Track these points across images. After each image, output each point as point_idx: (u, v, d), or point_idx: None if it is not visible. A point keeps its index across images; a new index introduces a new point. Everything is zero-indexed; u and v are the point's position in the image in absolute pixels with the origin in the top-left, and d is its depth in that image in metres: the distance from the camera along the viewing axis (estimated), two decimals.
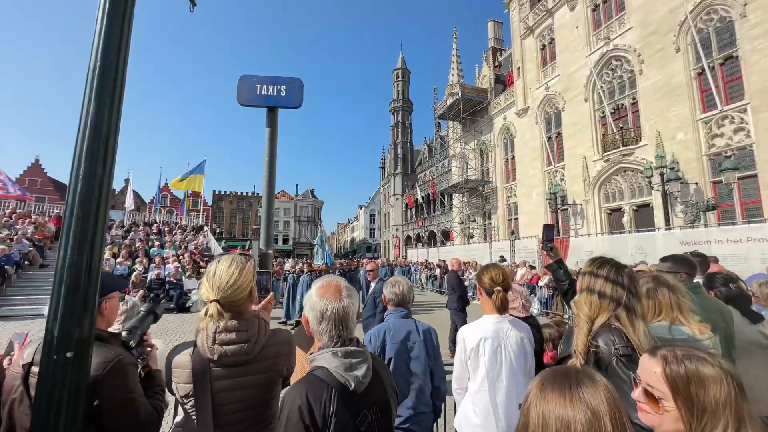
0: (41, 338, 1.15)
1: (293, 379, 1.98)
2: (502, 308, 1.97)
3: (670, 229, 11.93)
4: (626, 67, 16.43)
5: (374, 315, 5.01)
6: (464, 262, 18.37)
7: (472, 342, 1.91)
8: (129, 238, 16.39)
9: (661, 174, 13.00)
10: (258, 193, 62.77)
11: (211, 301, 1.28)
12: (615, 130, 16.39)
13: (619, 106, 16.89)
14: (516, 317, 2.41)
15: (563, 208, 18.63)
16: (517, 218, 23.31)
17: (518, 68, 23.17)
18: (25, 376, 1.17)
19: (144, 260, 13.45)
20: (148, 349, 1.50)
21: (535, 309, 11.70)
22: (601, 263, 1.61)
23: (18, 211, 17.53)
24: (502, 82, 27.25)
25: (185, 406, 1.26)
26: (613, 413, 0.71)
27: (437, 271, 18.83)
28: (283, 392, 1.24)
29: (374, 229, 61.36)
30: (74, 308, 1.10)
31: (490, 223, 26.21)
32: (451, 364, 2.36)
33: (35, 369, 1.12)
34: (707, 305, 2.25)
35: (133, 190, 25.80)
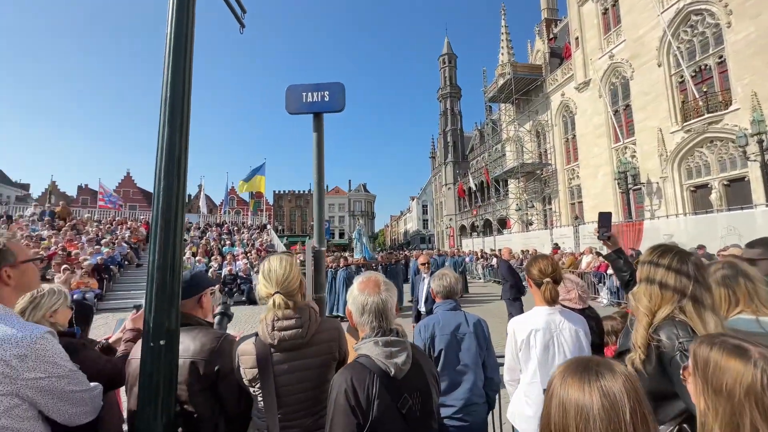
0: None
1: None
2: (552, 300, 1.92)
3: None
4: (709, 22, 14.27)
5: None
6: (522, 251, 17.59)
7: (522, 334, 1.89)
8: (204, 238, 18.21)
9: (760, 141, 11.20)
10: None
11: (274, 294, 1.46)
12: (697, 96, 14.37)
13: (702, 67, 14.77)
14: (572, 309, 2.32)
15: (635, 187, 16.90)
16: (581, 202, 21.64)
17: (576, 38, 21.27)
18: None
19: (218, 258, 14.90)
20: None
21: (604, 299, 10.86)
22: (663, 251, 1.50)
23: (117, 218, 20.38)
24: (558, 55, 25.24)
25: (253, 389, 1.42)
26: (634, 405, 0.70)
27: (494, 261, 18.25)
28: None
29: (427, 220, 60.99)
30: (163, 303, 1.32)
31: (551, 209, 24.67)
32: (501, 356, 2.35)
33: None
34: None
35: (206, 195, 28.62)
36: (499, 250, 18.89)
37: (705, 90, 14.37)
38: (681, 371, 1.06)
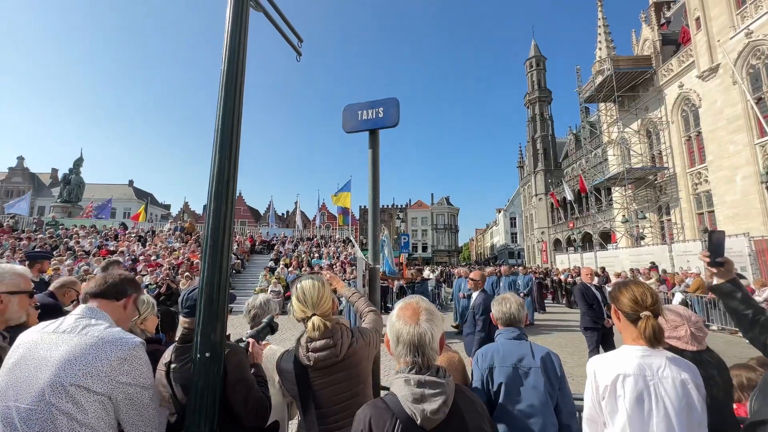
0: (176, 343, 1.51)
1: None
2: (655, 340, 1.52)
3: None
4: None
5: (473, 332, 4.66)
6: (632, 270, 15.12)
7: (606, 378, 1.53)
8: (297, 251, 19.89)
9: None
10: (397, 205, 67.14)
11: (311, 316, 1.50)
12: None
13: None
14: (681, 351, 1.83)
15: None
16: (711, 211, 17.82)
17: (697, 19, 18.00)
18: (167, 372, 1.52)
19: (307, 269, 16.09)
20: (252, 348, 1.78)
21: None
22: None
23: None
24: (673, 41, 21.65)
25: (296, 402, 1.52)
26: None
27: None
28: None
29: (516, 234, 57.11)
30: (210, 317, 1.41)
31: (669, 220, 20.84)
32: (580, 398, 1.96)
33: (174, 366, 1.47)
34: None
35: (301, 211, 31.56)
36: (576, 268, 16.32)
37: None
38: None
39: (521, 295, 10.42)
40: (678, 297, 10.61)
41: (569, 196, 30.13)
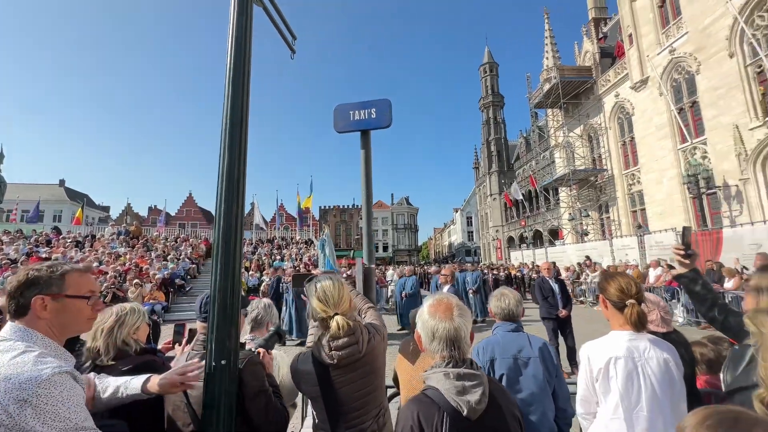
0: (188, 351, 1.43)
1: (402, 390, 2.04)
2: (640, 324, 1.69)
3: None
4: None
5: None
6: (579, 263, 16.41)
7: (599, 362, 1.68)
8: (257, 253, 19.15)
9: None
10: (357, 206, 67.00)
11: (333, 316, 1.49)
12: None
13: None
14: (653, 333, 2.05)
15: (710, 192, 15.16)
16: (643, 209, 19.84)
17: (630, 35, 19.95)
18: None
19: (269, 272, 15.54)
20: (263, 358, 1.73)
21: (680, 318, 9.71)
22: None
23: (181, 236, 22.17)
24: (610, 55, 23.79)
25: (314, 403, 1.51)
26: None
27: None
28: (394, 410, 1.31)
29: (472, 232, 59.41)
30: (225, 323, 1.35)
31: (609, 217, 22.88)
32: (571, 383, 2.12)
33: None
34: None
35: (260, 213, 30.29)
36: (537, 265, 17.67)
37: None
38: None
39: (470, 291, 10.75)
40: None
41: (519, 197, 31.99)
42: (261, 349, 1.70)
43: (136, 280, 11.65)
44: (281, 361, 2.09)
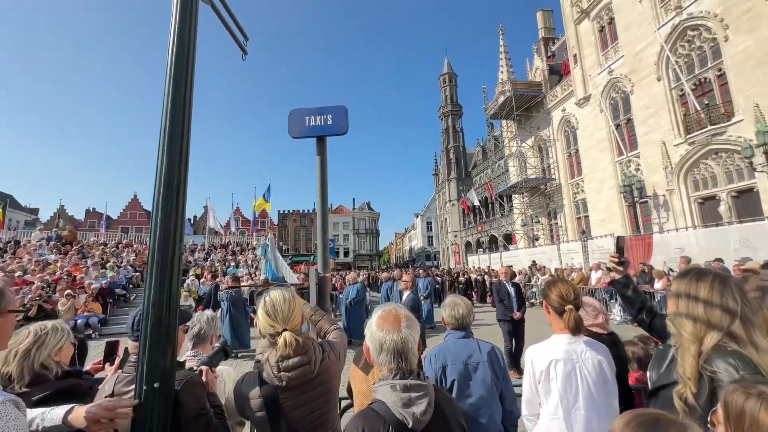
0: (120, 372, 1.30)
1: (356, 401, 2.01)
2: (576, 329, 1.80)
3: None
4: (706, 36, 14.44)
5: None
6: (530, 267, 17.30)
7: (542, 364, 1.77)
8: (209, 259, 18.16)
9: (766, 152, 11.09)
10: None
11: (281, 332, 1.40)
12: (699, 108, 14.41)
13: (702, 80, 14.86)
14: (598, 334, 2.20)
15: (642, 200, 16.73)
16: (587, 216, 21.44)
17: (574, 55, 21.61)
18: None
19: (222, 279, 14.78)
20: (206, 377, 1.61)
21: (617, 317, 10.55)
22: (700, 273, 1.42)
23: (124, 241, 20.46)
24: (558, 72, 25.60)
25: (260, 429, 1.40)
26: None
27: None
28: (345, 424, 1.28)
29: (432, 237, 60.70)
30: (159, 342, 1.24)
31: (557, 223, 24.44)
32: (518, 385, 2.21)
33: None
34: None
35: (214, 216, 28.57)
36: (493, 269, 18.52)
37: (706, 103, 14.40)
38: (710, 415, 0.99)
39: (422, 297, 10.85)
40: None
41: (476, 203, 33.29)
42: (204, 367, 1.59)
43: (68, 291, 10.56)
44: (227, 376, 1.97)
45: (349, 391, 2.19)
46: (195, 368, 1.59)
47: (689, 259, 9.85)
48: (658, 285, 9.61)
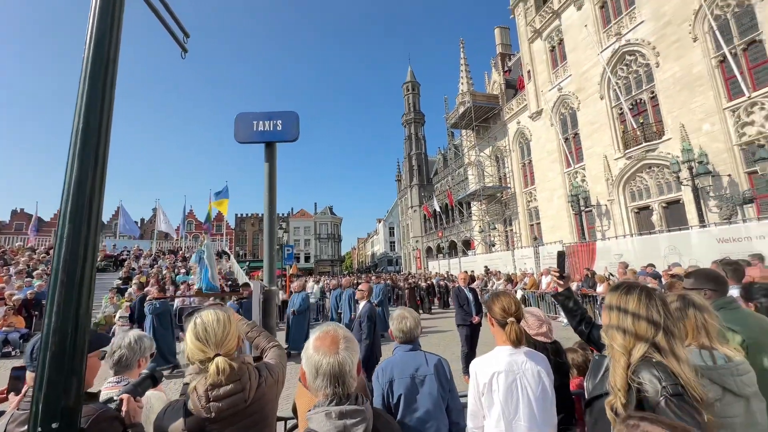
0: (14, 410, 1.13)
1: (301, 423, 1.91)
2: (518, 341, 1.84)
3: (705, 226, 11.26)
4: (641, 61, 15.94)
5: (360, 340, 4.62)
6: (486, 272, 17.91)
7: (485, 377, 1.79)
8: (156, 266, 16.95)
9: (690, 168, 12.37)
10: (279, 214, 64.11)
11: (214, 357, 1.27)
12: (635, 126, 15.82)
13: (638, 101, 16.34)
14: (542, 343, 2.27)
15: (587, 209, 17.99)
16: (539, 223, 22.67)
17: (528, 71, 22.92)
18: None
19: (171, 288, 13.82)
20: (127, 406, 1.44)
21: (563, 320, 11.19)
22: (629, 287, 1.51)
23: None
24: (513, 86, 26.99)
25: None
26: None
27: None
28: None
29: (394, 242, 61.17)
30: (60, 375, 1.08)
31: (512, 230, 25.61)
32: (467, 394, 2.23)
33: None
34: (749, 321, 2.04)
35: (166, 219, 26.46)
36: (451, 275, 18.99)
37: (642, 121, 15.85)
38: None
39: (374, 304, 10.72)
40: (519, 293, 13.07)
41: (438, 209, 34.08)
42: (125, 396, 1.42)
43: None
44: (155, 402, 1.79)
45: (295, 410, 2.09)
46: (116, 397, 1.42)
47: (627, 264, 10.71)
48: (600, 289, 10.32)
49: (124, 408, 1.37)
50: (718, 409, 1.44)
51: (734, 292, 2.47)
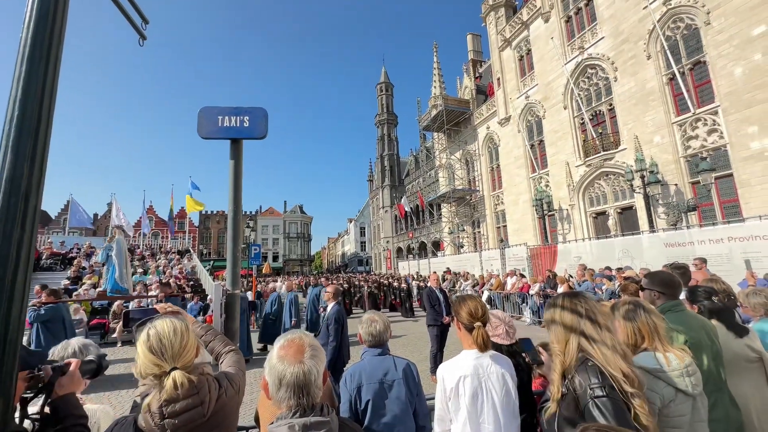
0: None
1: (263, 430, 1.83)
2: (484, 346, 1.86)
3: (654, 231, 12.10)
4: (601, 75, 16.90)
5: (327, 342, 4.56)
6: (455, 273, 18.28)
7: (451, 381, 1.80)
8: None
9: (642, 177, 13.25)
10: (247, 212, 62.08)
11: (170, 371, 1.17)
12: (594, 136, 16.74)
13: (597, 112, 17.30)
14: (501, 344, 2.32)
15: (550, 213, 18.82)
16: (505, 226, 23.45)
17: (498, 79, 23.66)
18: None
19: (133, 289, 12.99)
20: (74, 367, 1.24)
21: (527, 319, 11.62)
22: (563, 296, 1.60)
23: None
24: (484, 92, 27.76)
25: None
26: None
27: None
28: None
29: (365, 242, 61.08)
30: None
31: (480, 232, 26.30)
32: (434, 397, 2.24)
33: None
34: (691, 323, 2.19)
35: (122, 215, 24.63)
36: (422, 276, 19.37)
37: (600, 131, 16.81)
38: None
39: (320, 309, 10.80)
40: (486, 294, 13.45)
41: (409, 210, 34.40)
42: (73, 360, 1.24)
43: None
44: (102, 416, 1.66)
45: (257, 419, 2.00)
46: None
47: (585, 266, 11.31)
48: (560, 289, 10.82)
49: (72, 369, 1.21)
50: (672, 409, 1.54)
51: (681, 294, 2.65)
